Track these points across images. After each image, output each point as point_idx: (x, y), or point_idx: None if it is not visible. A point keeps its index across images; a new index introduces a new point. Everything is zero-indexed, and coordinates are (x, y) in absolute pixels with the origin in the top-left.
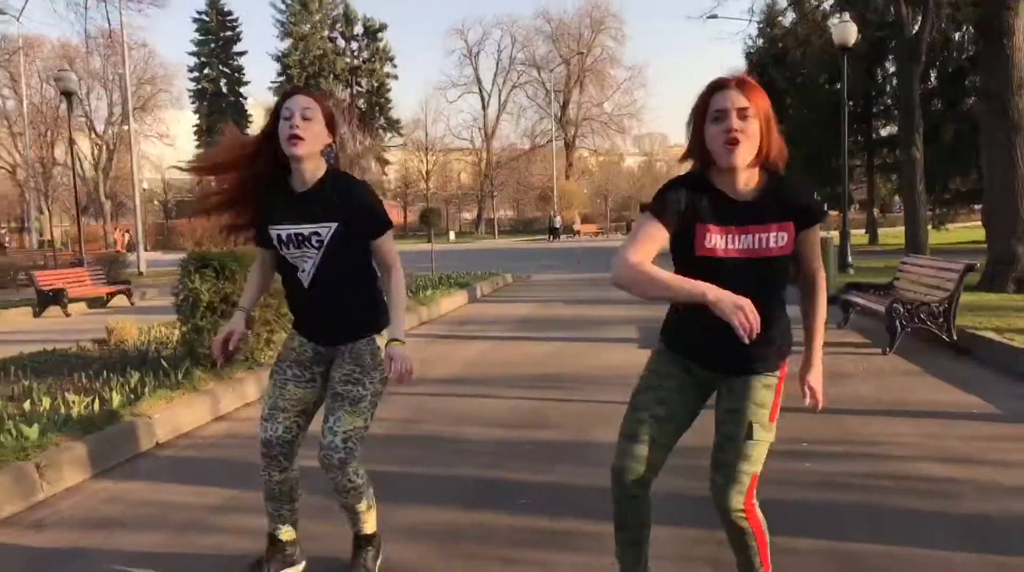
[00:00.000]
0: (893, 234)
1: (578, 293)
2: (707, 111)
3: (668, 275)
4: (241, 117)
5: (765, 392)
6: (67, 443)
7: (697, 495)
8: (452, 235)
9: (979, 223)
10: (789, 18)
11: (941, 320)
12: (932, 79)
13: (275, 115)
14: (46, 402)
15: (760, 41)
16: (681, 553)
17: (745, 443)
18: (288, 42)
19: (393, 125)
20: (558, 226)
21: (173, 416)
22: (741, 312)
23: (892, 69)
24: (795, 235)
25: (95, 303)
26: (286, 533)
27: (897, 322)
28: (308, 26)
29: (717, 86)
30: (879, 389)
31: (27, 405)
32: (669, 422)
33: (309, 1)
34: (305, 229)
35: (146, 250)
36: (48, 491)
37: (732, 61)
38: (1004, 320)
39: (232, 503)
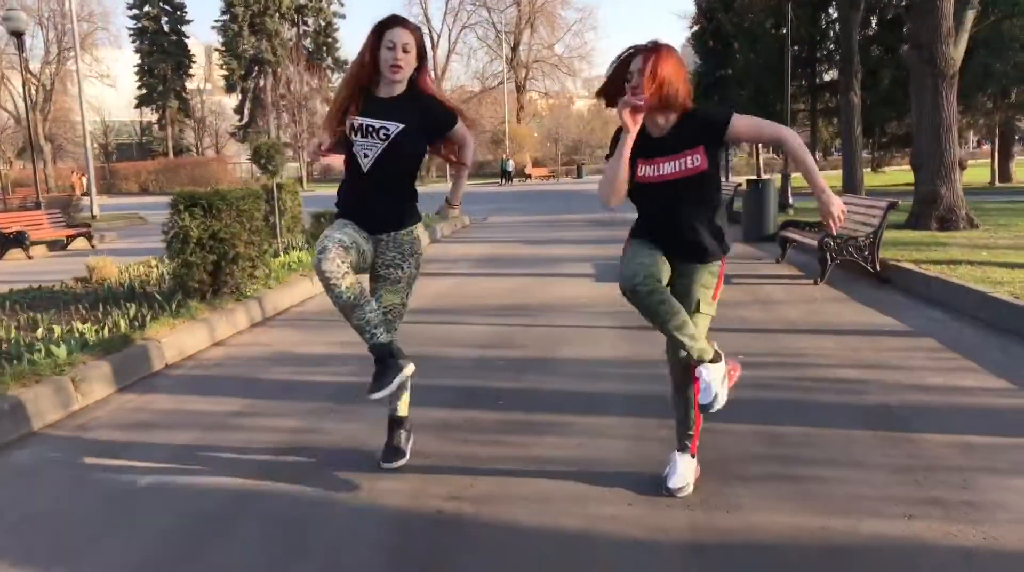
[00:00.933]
0: (834, 177)
1: (534, 234)
2: (623, 76)
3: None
4: (184, 57)
5: (709, 277)
6: (92, 362)
7: (655, 395)
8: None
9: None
10: None
11: (867, 253)
12: (872, 25)
13: (376, 40)
14: (57, 330)
15: None
16: (639, 435)
17: (693, 315)
18: None
19: (341, 65)
20: (510, 169)
21: (177, 341)
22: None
23: (835, 15)
24: (708, 152)
25: (55, 246)
26: (383, 336)
27: (827, 255)
28: None
29: (628, 58)
30: (808, 313)
31: (39, 332)
32: (660, 264)
33: None
34: (376, 123)
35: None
36: (82, 402)
37: (683, 5)
38: (923, 253)
39: (248, 410)
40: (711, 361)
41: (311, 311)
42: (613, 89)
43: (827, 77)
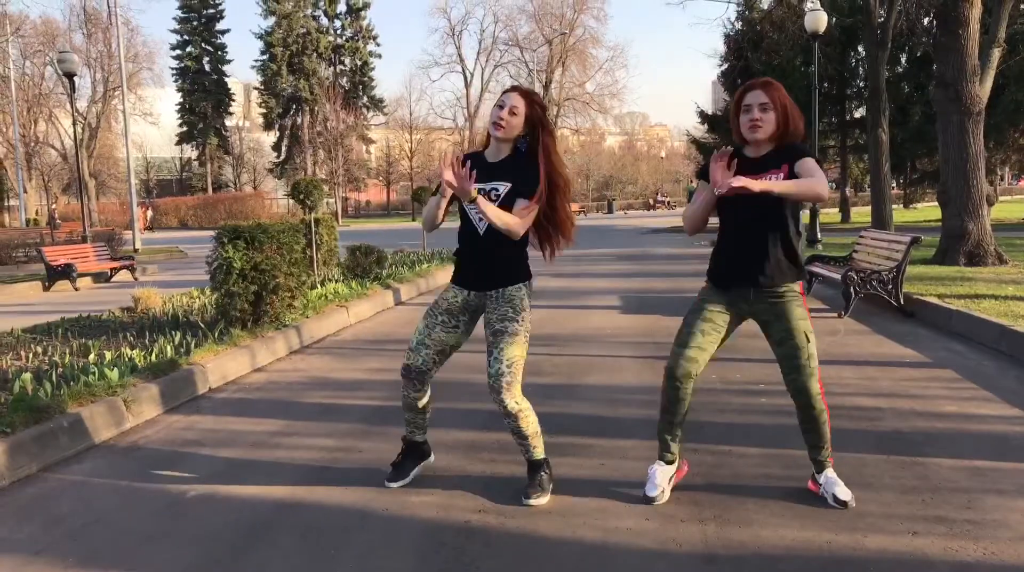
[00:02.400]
0: (865, 212)
1: (563, 268)
2: (739, 106)
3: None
4: (224, 95)
5: (799, 309)
6: (142, 384)
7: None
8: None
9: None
10: (767, 2)
11: (890, 286)
12: (902, 63)
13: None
14: (108, 355)
15: (739, 24)
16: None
17: (807, 345)
18: (271, 20)
19: (376, 104)
20: None
21: (220, 366)
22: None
23: (864, 53)
24: (790, 172)
25: (99, 278)
26: (420, 436)
27: (851, 289)
28: (291, 4)
29: (747, 88)
30: (830, 345)
31: (91, 357)
32: (713, 334)
33: None
34: (487, 185)
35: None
36: (132, 421)
37: (712, 43)
38: (948, 288)
39: (288, 430)
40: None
41: (346, 340)
42: (735, 124)
43: (857, 114)
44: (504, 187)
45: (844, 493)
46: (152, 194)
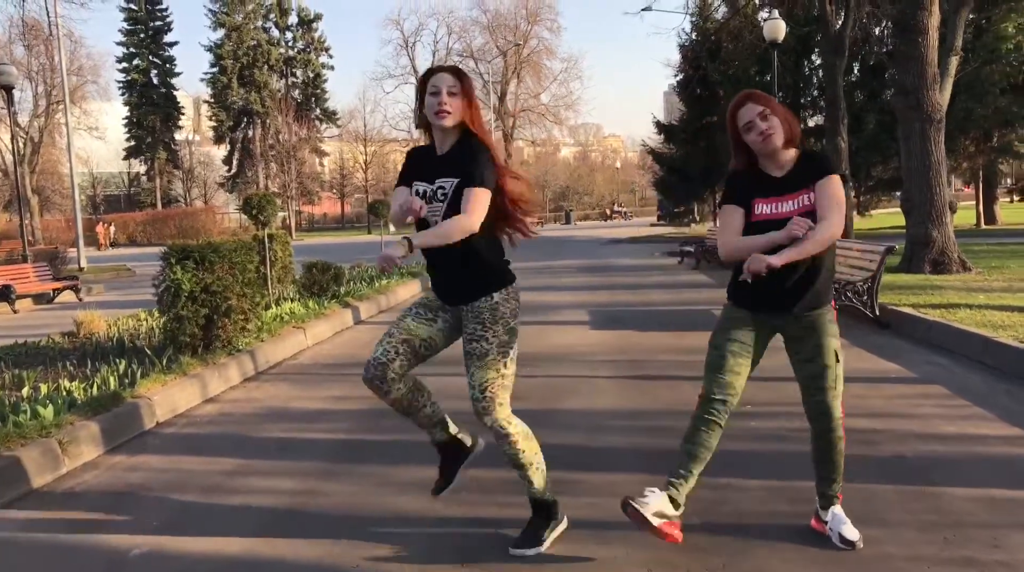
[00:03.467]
0: None
1: (527, 281)
2: (737, 126)
3: (747, 240)
4: (173, 109)
5: (832, 326)
6: (80, 422)
7: (660, 450)
8: (392, 227)
9: (900, 209)
10: (721, 12)
11: (865, 297)
12: (855, 72)
13: (422, 91)
14: (44, 388)
15: (694, 35)
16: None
17: (835, 365)
18: (221, 32)
19: (329, 116)
20: None
21: (168, 398)
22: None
23: (818, 62)
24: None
25: (40, 299)
26: (441, 433)
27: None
28: (241, 16)
29: (736, 106)
30: None
31: (25, 391)
32: (743, 356)
33: None
34: (432, 186)
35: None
36: (70, 465)
37: (666, 54)
38: (919, 297)
39: (244, 469)
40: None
41: (304, 365)
42: (743, 150)
43: (811, 123)
44: (451, 183)
45: (852, 533)
46: (100, 210)
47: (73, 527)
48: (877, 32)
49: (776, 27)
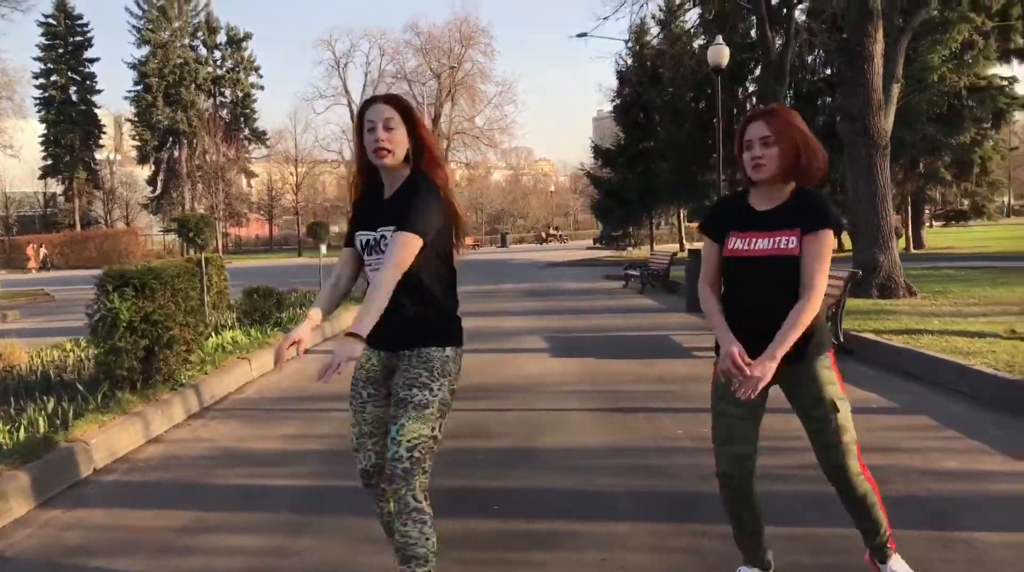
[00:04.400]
0: None
1: (473, 306)
2: (743, 140)
3: (716, 313)
4: (93, 127)
5: (827, 372)
6: (7, 472)
7: (657, 492)
8: (323, 249)
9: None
10: (659, 39)
11: (829, 325)
12: (790, 98)
13: (359, 126)
14: None
15: (630, 61)
16: (660, 545)
17: (835, 416)
18: (146, 49)
19: (259, 136)
20: None
21: (107, 440)
22: (728, 359)
23: (752, 88)
24: (801, 238)
25: None
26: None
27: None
28: (167, 33)
29: (749, 119)
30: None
31: None
32: (749, 419)
33: (168, 8)
34: (375, 234)
35: None
36: None
37: (603, 78)
38: (877, 322)
39: (200, 524)
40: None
41: (252, 399)
42: (740, 161)
43: None
44: (391, 231)
45: None
46: (12, 231)
47: None
48: (810, 60)
49: (720, 52)
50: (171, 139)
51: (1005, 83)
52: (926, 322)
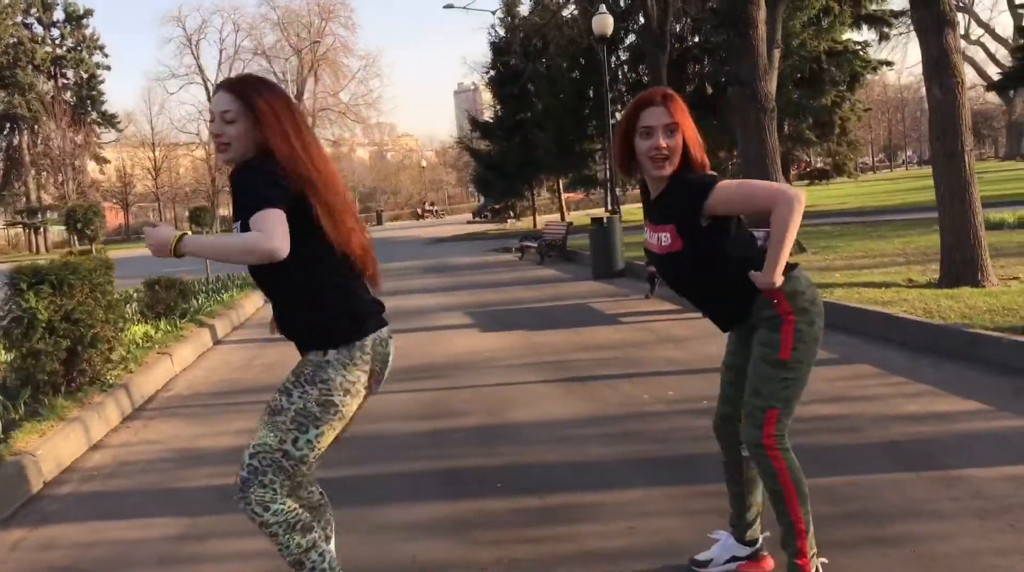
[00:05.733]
0: (631, 211)
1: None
2: (636, 125)
3: None
4: None
5: (765, 333)
6: None
7: (651, 457)
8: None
9: None
10: (525, 10)
11: None
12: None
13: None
14: None
15: (503, 32)
16: (686, 508)
17: (754, 379)
18: None
19: (108, 119)
20: None
21: (52, 450)
22: None
23: (624, 57)
24: (680, 233)
25: None
26: None
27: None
28: None
29: (646, 102)
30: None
31: None
32: (734, 377)
33: None
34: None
35: None
36: None
37: (470, 51)
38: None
39: (196, 530)
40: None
41: (183, 396)
42: (626, 151)
43: (619, 117)
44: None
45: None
46: None
47: None
48: (679, 28)
49: (604, 22)
50: (9, 125)
51: (859, 47)
52: (828, 276)
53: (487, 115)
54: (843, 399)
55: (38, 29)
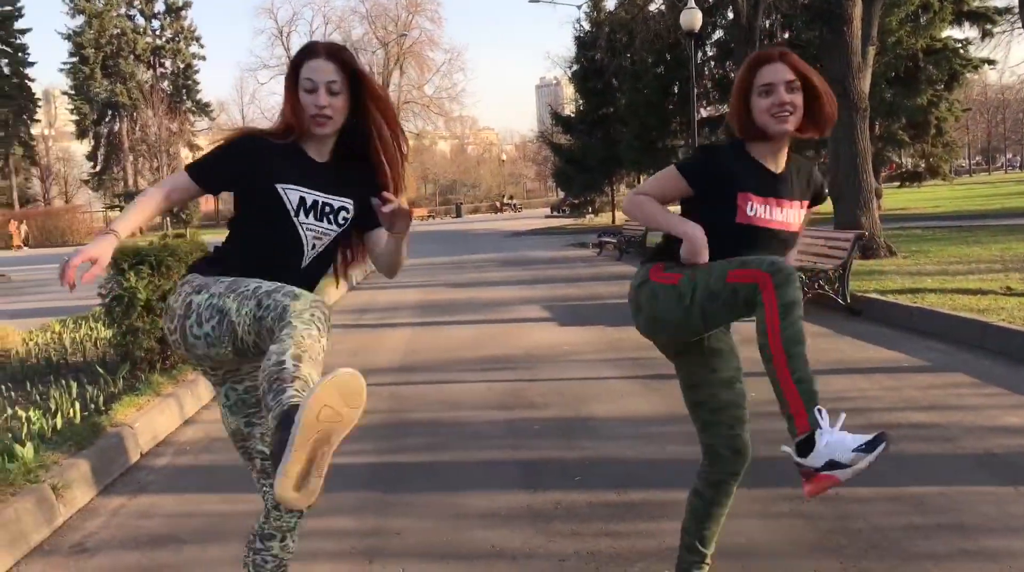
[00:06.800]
0: None
1: (452, 277)
2: (753, 84)
3: (662, 209)
4: (27, 101)
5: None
6: (67, 460)
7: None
8: None
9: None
10: (613, 4)
11: (836, 285)
12: None
13: (294, 76)
14: None
15: (587, 27)
16: (765, 511)
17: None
18: (80, 19)
19: (202, 108)
20: None
21: (149, 424)
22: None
23: (711, 52)
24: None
25: None
26: None
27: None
28: (102, 2)
29: (763, 60)
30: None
31: None
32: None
33: None
34: (335, 201)
35: None
36: (65, 513)
37: (553, 47)
38: (874, 282)
39: None
40: None
41: None
42: (744, 112)
43: (704, 113)
44: (349, 206)
45: None
46: None
47: None
48: (768, 24)
49: (693, 17)
50: (111, 112)
51: (959, 45)
52: (920, 281)
53: (569, 110)
54: (936, 407)
55: (140, 20)
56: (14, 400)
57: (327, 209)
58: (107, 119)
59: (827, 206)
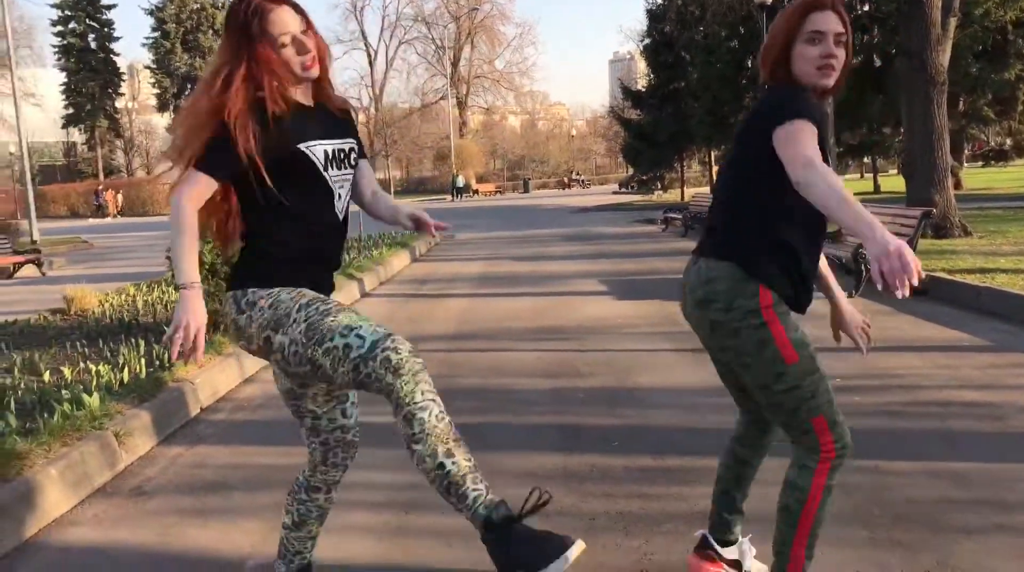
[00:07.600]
0: None
1: (516, 251)
2: (800, 29)
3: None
4: (113, 75)
5: None
6: (130, 411)
7: None
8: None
9: (863, 175)
10: None
11: None
12: None
13: (248, 37)
14: (68, 372)
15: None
16: None
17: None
18: None
19: None
20: (461, 185)
21: (209, 380)
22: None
23: None
24: None
25: (0, 274)
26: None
27: (863, 267)
28: None
29: (816, 5)
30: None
31: (45, 376)
32: None
33: None
34: (345, 144)
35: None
36: (126, 460)
37: (624, 20)
38: (943, 261)
39: None
40: None
41: None
42: (781, 58)
43: None
44: (355, 147)
45: None
46: (35, 180)
47: (166, 533)
48: None
49: None
50: (190, 86)
51: None
52: (992, 262)
53: (641, 84)
54: (991, 387)
55: None
56: (87, 356)
57: (340, 154)
58: (187, 92)
59: (899, 183)
